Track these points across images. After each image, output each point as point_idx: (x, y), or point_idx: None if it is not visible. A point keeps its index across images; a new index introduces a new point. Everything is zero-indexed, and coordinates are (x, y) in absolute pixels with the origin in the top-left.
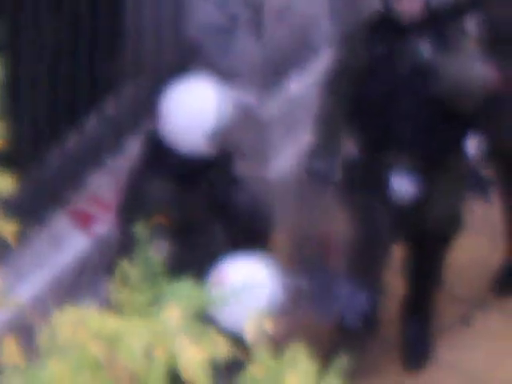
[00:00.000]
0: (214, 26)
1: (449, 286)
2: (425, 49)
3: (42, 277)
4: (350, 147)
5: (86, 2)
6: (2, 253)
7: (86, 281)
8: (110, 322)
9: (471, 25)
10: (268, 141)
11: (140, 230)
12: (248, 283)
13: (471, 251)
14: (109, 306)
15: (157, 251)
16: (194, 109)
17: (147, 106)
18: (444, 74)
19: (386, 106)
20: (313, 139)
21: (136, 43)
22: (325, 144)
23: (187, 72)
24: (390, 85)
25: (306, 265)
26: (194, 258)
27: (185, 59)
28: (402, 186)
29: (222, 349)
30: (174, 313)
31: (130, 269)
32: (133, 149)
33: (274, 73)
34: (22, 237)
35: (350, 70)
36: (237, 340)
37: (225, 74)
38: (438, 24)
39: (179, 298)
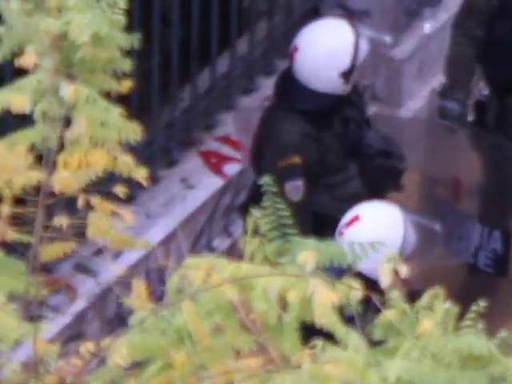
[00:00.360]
0: None
1: None
2: None
3: (174, 217)
4: (481, 88)
5: None
6: (134, 194)
7: (218, 221)
8: (243, 268)
9: None
10: (401, 80)
11: (269, 179)
12: (382, 225)
13: None
14: (239, 250)
15: (292, 191)
16: (331, 46)
17: (280, 45)
18: None
19: None
20: (444, 79)
21: None
22: (457, 84)
23: (319, 10)
24: None
25: (437, 206)
26: (328, 198)
27: None
28: None
29: (356, 293)
30: (308, 257)
31: (260, 218)
32: (265, 88)
33: (406, 12)
34: (154, 178)
35: (480, 9)
36: (372, 283)
37: (357, 12)
38: None
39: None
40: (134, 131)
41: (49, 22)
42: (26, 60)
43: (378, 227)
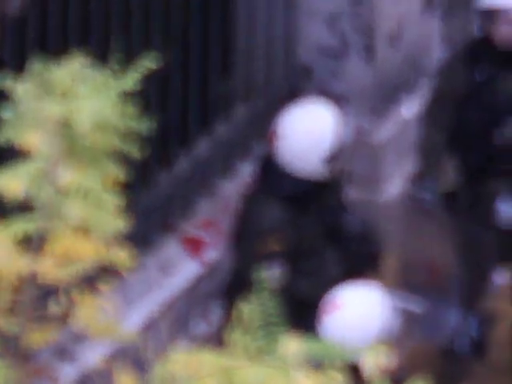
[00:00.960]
0: (325, 48)
1: None
2: None
3: (153, 303)
4: (452, 174)
5: (197, 23)
6: (113, 280)
7: (196, 307)
8: (225, 360)
9: None
10: (379, 165)
11: (258, 271)
12: (362, 313)
13: None
14: (218, 337)
15: (271, 279)
16: (312, 131)
17: (258, 129)
18: None
19: (488, 132)
20: (415, 166)
21: (248, 65)
22: (427, 173)
23: (298, 95)
24: (492, 111)
25: (413, 290)
26: (306, 284)
27: (296, 82)
28: (509, 211)
29: (338, 382)
30: (291, 348)
31: (246, 312)
32: (244, 172)
33: (384, 97)
34: (133, 263)
35: (448, 96)
36: (353, 368)
37: (335, 97)
38: None
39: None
40: (121, 223)
41: (53, 107)
42: (30, 144)
43: (358, 315)
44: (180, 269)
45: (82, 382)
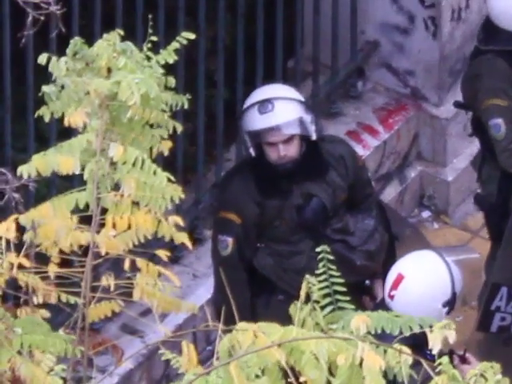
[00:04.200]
0: (391, 24)
1: None
2: None
3: None
4: None
5: (262, 2)
6: (180, 254)
7: None
8: (293, 332)
9: None
10: (446, 139)
11: (324, 248)
12: (428, 276)
13: None
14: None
15: (221, 245)
16: None
17: (324, 105)
18: None
19: None
20: None
21: (314, 43)
22: None
23: (365, 71)
24: None
25: None
26: (273, 264)
27: (362, 58)
28: None
29: (406, 359)
30: (360, 323)
31: (314, 285)
32: None
33: (451, 72)
34: (200, 238)
35: None
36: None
37: (401, 73)
38: None
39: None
40: (176, 192)
41: (99, 82)
42: (76, 119)
43: (425, 279)
44: None
45: (149, 355)
